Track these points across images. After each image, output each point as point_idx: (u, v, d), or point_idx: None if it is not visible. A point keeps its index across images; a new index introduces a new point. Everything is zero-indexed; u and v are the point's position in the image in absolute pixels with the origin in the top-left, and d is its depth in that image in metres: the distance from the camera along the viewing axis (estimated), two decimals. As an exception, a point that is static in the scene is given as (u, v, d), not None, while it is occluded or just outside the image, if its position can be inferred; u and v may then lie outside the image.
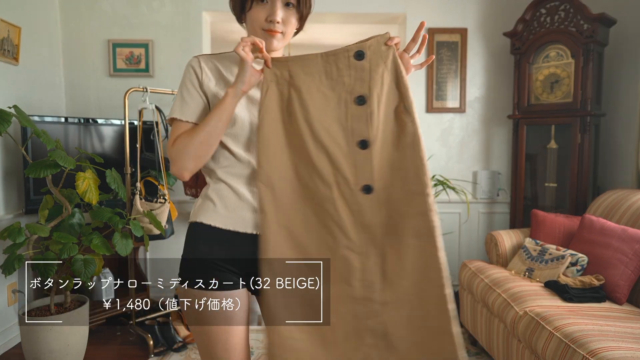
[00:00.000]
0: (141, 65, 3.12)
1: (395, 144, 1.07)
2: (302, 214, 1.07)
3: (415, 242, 1.04)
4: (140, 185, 2.57)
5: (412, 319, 1.04)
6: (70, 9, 3.08)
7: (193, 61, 1.13)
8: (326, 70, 1.06)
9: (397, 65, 1.07)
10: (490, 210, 3.29)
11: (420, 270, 1.03)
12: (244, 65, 1.05)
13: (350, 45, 1.06)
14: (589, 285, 2.02)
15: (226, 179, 1.12)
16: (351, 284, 1.05)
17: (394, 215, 1.06)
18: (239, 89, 1.06)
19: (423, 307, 1.04)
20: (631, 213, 2.23)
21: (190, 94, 1.11)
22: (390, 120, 1.07)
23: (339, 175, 1.05)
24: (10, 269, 2.02)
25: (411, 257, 1.04)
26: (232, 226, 1.10)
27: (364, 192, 1.05)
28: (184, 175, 1.08)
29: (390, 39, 1.07)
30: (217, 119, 1.05)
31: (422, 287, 1.04)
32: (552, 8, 2.77)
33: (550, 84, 2.81)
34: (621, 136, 2.87)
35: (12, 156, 2.56)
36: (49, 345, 2.12)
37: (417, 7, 3.16)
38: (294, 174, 1.08)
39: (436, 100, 3.21)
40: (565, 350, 1.60)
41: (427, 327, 1.04)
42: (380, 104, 1.06)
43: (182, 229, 3.19)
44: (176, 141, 1.08)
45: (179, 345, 2.53)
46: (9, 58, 2.54)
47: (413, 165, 1.05)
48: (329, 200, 1.05)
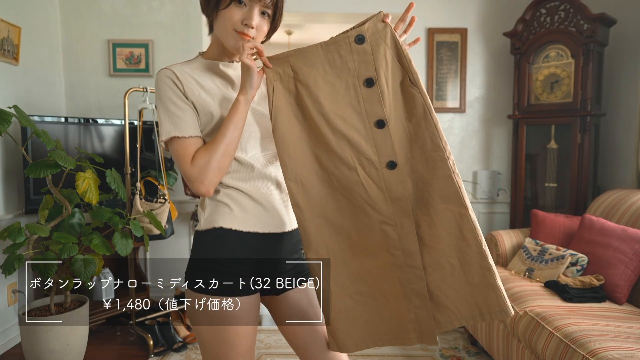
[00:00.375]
0: (141, 65, 3.12)
1: (408, 117, 1.10)
2: (334, 200, 1.11)
3: (443, 205, 1.08)
4: (140, 185, 2.57)
5: (455, 278, 1.09)
6: (70, 9, 3.08)
7: (167, 73, 1.09)
8: (328, 59, 1.08)
9: (396, 41, 1.09)
10: (490, 210, 3.29)
11: (454, 233, 1.08)
12: (250, 73, 1.05)
13: (349, 31, 1.08)
14: (589, 285, 2.02)
15: (234, 184, 1.12)
16: (392, 253, 1.10)
17: (419, 184, 1.10)
18: (250, 94, 1.07)
19: (463, 266, 1.08)
20: (631, 213, 2.23)
21: (179, 107, 1.08)
22: (399, 95, 1.10)
23: (363, 158, 1.08)
24: (10, 269, 2.02)
25: (443, 221, 1.08)
26: (252, 227, 1.11)
27: (389, 168, 1.09)
28: (211, 191, 1.07)
29: (385, 15, 1.09)
30: (234, 128, 1.05)
31: (459, 248, 1.08)
32: (552, 8, 2.77)
33: (550, 84, 2.81)
34: (621, 136, 2.87)
35: (12, 156, 2.56)
36: (49, 345, 2.12)
37: (417, 7, 3.12)
38: (318, 165, 1.11)
39: (436, 100, 3.21)
40: (565, 350, 1.60)
41: (471, 284, 1.08)
42: (388, 82, 1.09)
43: (182, 229, 3.22)
44: (195, 159, 1.05)
45: (179, 345, 2.53)
46: (9, 58, 2.54)
47: (429, 134, 1.08)
48: (357, 183, 1.09)
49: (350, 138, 1.08)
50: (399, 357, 2.41)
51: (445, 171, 1.07)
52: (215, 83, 1.13)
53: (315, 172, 1.11)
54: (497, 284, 1.07)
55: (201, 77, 1.12)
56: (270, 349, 2.50)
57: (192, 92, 1.09)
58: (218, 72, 1.15)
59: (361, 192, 1.09)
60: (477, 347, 2.52)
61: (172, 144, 1.08)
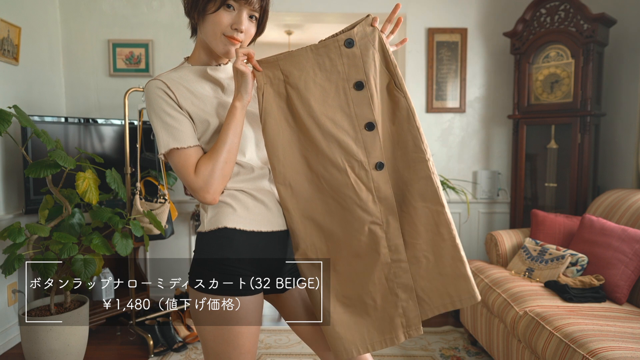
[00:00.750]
0: (141, 65, 3.12)
1: (392, 119, 1.14)
2: (323, 203, 1.13)
3: (422, 204, 1.13)
4: (140, 185, 2.57)
5: (430, 271, 1.14)
6: (70, 9, 3.08)
7: (158, 84, 1.07)
8: (318, 62, 1.09)
9: (383, 45, 1.11)
10: (490, 210, 3.29)
11: (431, 229, 1.13)
12: (245, 79, 1.06)
13: (339, 35, 1.09)
14: (589, 285, 2.02)
15: (235, 186, 1.13)
16: (380, 251, 1.13)
17: (399, 183, 1.14)
18: (245, 100, 1.07)
19: (437, 259, 1.14)
20: (631, 213, 2.23)
21: (174, 118, 1.06)
22: (385, 98, 1.13)
23: (353, 160, 1.10)
24: (10, 269, 2.02)
25: (422, 218, 1.13)
26: (256, 227, 1.12)
27: (377, 169, 1.12)
28: (216, 199, 1.07)
29: (373, 19, 1.10)
30: (233, 134, 1.06)
31: (435, 242, 1.14)
32: (552, 8, 2.77)
33: (550, 84, 2.81)
34: (621, 136, 2.87)
35: (12, 156, 2.56)
36: (49, 345, 2.12)
37: (417, 7, 3.17)
38: (308, 168, 1.13)
39: (436, 100, 3.21)
40: (565, 350, 1.60)
41: (443, 275, 1.14)
42: (376, 85, 1.11)
43: (182, 229, 3.22)
44: (198, 169, 1.05)
45: (179, 345, 2.53)
46: (9, 58, 2.54)
47: (411, 136, 1.12)
48: (347, 185, 1.10)
49: (341, 140, 1.09)
50: (399, 357, 2.41)
51: (425, 172, 1.12)
52: (206, 89, 1.13)
53: (305, 175, 1.12)
54: (467, 273, 1.14)
55: (192, 84, 1.11)
56: (270, 349, 2.50)
57: (185, 101, 1.08)
58: (207, 77, 1.14)
59: (351, 194, 1.10)
60: (477, 347, 2.52)
61: (172, 156, 1.07)
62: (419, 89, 3.21)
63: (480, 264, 2.53)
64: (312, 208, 1.13)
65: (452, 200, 3.23)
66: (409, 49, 3.19)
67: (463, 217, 3.28)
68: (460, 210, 3.27)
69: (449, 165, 3.27)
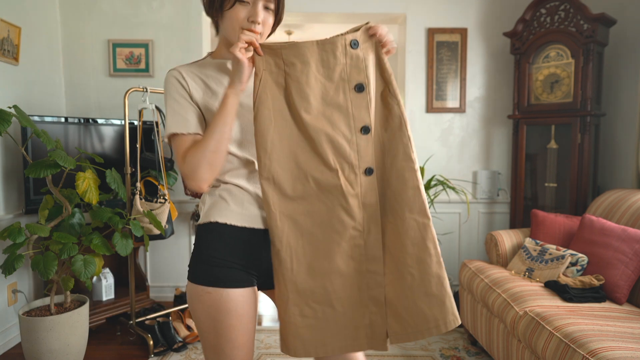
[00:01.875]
0: (141, 65, 3.12)
1: (384, 126, 1.12)
2: (307, 202, 1.10)
3: (409, 215, 1.10)
4: (140, 185, 2.57)
5: (415, 290, 1.10)
6: (70, 9, 3.09)
7: (174, 74, 1.12)
8: (322, 58, 1.07)
9: (379, 53, 1.11)
10: (490, 210, 3.29)
11: (417, 243, 1.09)
12: (240, 66, 1.05)
13: (346, 34, 1.08)
14: (589, 285, 2.02)
15: (233, 180, 1.14)
16: (356, 259, 1.11)
17: (387, 192, 1.12)
18: (238, 88, 1.07)
19: (423, 277, 1.09)
20: (631, 213, 2.23)
21: (182, 106, 1.10)
22: (379, 104, 1.12)
23: (344, 162, 1.08)
24: (10, 269, 2.02)
25: (408, 230, 1.10)
26: (248, 223, 1.13)
27: (366, 174, 1.10)
28: (203, 187, 1.07)
29: (372, 28, 1.10)
30: (223, 123, 1.05)
31: (420, 258, 1.09)
32: (552, 8, 2.77)
33: (550, 84, 2.81)
34: (621, 136, 2.87)
35: (12, 156, 2.56)
36: (49, 345, 2.12)
37: (417, 7, 3.17)
38: (295, 165, 1.09)
39: (436, 100, 3.21)
40: (565, 351, 1.60)
41: (429, 295, 1.09)
42: (374, 90, 1.10)
43: (182, 229, 3.22)
44: (186, 156, 1.06)
45: (179, 345, 2.53)
46: (9, 58, 2.54)
47: (402, 145, 1.10)
48: (336, 187, 1.08)
49: (335, 141, 1.07)
50: (399, 357, 2.41)
51: (414, 182, 1.09)
52: (222, 83, 1.15)
53: (291, 171, 1.09)
54: (449, 291, 1.11)
55: (209, 77, 1.14)
56: (270, 349, 2.50)
57: (197, 92, 1.12)
58: (227, 71, 1.17)
59: (339, 197, 1.08)
60: (477, 347, 2.52)
61: (173, 141, 1.11)
62: (419, 89, 3.21)
63: (480, 264, 2.53)
64: (293, 207, 1.09)
65: (452, 200, 3.23)
66: (409, 49, 3.19)
67: (463, 217, 3.28)
68: (460, 210, 3.27)
69: (449, 165, 3.27)
